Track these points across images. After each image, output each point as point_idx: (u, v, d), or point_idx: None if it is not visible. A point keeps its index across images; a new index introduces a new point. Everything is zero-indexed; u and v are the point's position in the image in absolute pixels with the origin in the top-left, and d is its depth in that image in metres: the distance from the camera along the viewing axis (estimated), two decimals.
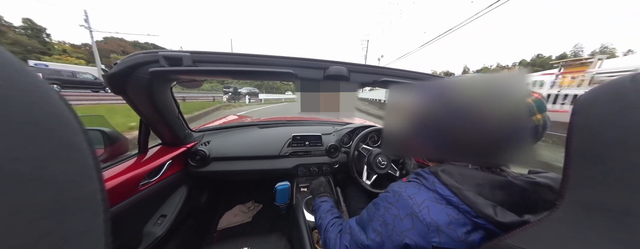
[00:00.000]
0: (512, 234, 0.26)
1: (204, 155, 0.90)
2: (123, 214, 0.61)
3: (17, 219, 0.11)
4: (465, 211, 0.30)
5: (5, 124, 0.12)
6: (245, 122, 1.38)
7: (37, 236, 0.12)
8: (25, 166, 0.12)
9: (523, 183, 0.33)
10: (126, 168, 0.64)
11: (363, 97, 20.42)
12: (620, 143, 0.21)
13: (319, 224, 0.61)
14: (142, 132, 0.74)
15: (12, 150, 0.12)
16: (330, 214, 0.61)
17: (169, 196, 0.82)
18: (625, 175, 0.20)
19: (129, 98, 0.59)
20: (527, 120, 0.30)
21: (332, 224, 0.55)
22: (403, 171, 0.98)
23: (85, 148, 0.17)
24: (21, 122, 0.12)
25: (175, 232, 0.81)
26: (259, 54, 0.52)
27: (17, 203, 0.11)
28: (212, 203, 1.24)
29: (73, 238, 0.14)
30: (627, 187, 0.20)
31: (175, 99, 0.74)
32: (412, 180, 0.38)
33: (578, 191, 0.23)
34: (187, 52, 0.49)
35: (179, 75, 0.56)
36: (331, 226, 0.55)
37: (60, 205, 0.14)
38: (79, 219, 0.15)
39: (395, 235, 0.32)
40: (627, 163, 0.20)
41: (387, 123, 0.46)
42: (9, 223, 0.11)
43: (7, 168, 0.11)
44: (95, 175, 0.17)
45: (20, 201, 0.11)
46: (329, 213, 0.62)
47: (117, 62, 0.50)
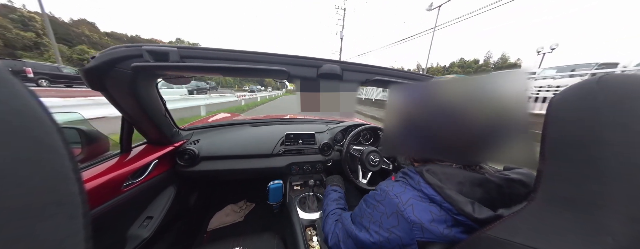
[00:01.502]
0: (491, 227, 0.28)
1: (193, 154, 0.87)
2: (105, 218, 0.57)
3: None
4: (447, 208, 0.32)
5: None
6: (237, 120, 1.35)
7: (3, 242, 0.11)
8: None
9: (498, 180, 0.36)
10: (107, 169, 0.61)
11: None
12: (587, 141, 0.23)
13: (323, 209, 0.68)
14: (125, 131, 0.70)
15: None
16: (336, 204, 0.66)
17: (155, 197, 0.79)
18: (591, 170, 0.22)
19: (110, 95, 0.56)
20: (506, 123, 0.31)
21: (333, 213, 0.61)
22: (395, 163, 1.01)
23: (60, 148, 0.15)
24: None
25: (162, 234, 0.78)
26: (251, 51, 0.51)
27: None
28: (202, 203, 1.21)
29: (48, 244, 0.13)
30: (592, 181, 0.22)
31: (161, 96, 0.71)
32: (399, 179, 0.40)
33: (550, 185, 0.26)
34: (174, 47, 0.46)
35: (166, 71, 0.54)
36: (332, 214, 0.60)
37: (32, 209, 0.13)
38: (54, 225, 0.14)
39: (382, 231, 0.35)
40: (593, 158, 0.22)
41: (386, 122, 0.48)
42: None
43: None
44: (73, 177, 0.16)
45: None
46: (334, 203, 0.67)
47: (94, 56, 0.47)
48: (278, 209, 0.99)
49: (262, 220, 1.25)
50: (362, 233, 0.38)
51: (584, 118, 0.23)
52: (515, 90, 0.30)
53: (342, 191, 0.76)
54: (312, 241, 0.71)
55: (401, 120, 0.42)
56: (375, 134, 1.19)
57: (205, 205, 1.26)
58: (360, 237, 0.38)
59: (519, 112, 0.30)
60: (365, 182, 0.92)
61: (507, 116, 0.31)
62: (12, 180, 0.12)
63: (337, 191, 0.74)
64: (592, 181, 0.22)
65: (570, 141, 0.24)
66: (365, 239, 0.37)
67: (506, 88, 0.31)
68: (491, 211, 0.31)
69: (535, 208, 0.26)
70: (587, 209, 0.22)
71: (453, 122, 0.33)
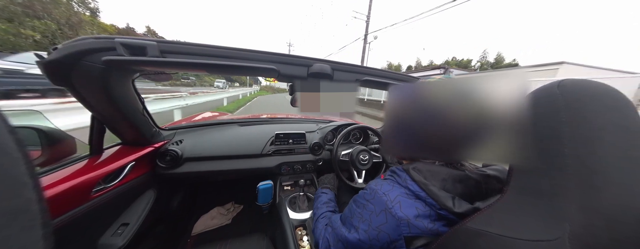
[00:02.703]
0: (469, 219, 0.30)
1: (176, 155, 0.81)
2: (71, 226, 0.51)
3: None
4: (431, 204, 0.34)
5: None
6: (224, 119, 1.29)
7: None
8: None
9: (477, 176, 0.38)
10: (74, 173, 0.54)
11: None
12: (548, 137, 0.26)
13: (314, 213, 0.68)
14: (95, 131, 0.63)
15: None
16: (326, 207, 0.66)
17: (132, 202, 0.73)
18: (551, 163, 0.25)
19: (76, 91, 0.50)
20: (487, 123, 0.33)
21: (323, 217, 0.60)
22: (382, 158, 1.03)
23: (13, 150, 0.13)
24: None
25: (139, 241, 0.73)
26: (238, 48, 0.49)
27: None
28: (186, 206, 1.15)
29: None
30: (552, 172, 0.25)
31: (139, 93, 0.65)
32: (388, 177, 0.42)
33: (519, 179, 0.28)
34: (153, 41, 0.43)
35: (143, 66, 0.49)
36: (322, 218, 0.60)
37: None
38: (7, 236, 0.12)
39: (371, 230, 0.36)
40: (553, 152, 0.25)
41: (384, 123, 0.50)
42: None
43: None
44: (29, 182, 0.14)
45: None
46: (324, 206, 0.67)
47: (57, 47, 0.41)
48: (268, 210, 0.97)
49: (251, 222, 1.22)
50: (351, 234, 0.39)
51: (547, 117, 0.26)
52: (507, 90, 0.31)
53: (332, 193, 0.76)
54: (303, 241, 0.70)
55: (392, 120, 0.44)
56: (364, 133, 1.21)
57: (189, 208, 1.20)
58: (350, 239, 0.38)
59: (507, 113, 0.31)
60: (361, 181, 0.93)
61: (490, 117, 0.32)
62: None
63: (327, 194, 0.74)
64: (551, 174, 0.24)
65: (535, 138, 0.27)
66: (354, 241, 0.38)
67: (499, 88, 0.32)
68: (469, 204, 0.33)
69: (507, 199, 0.29)
70: (548, 199, 0.24)
71: (437, 122, 0.35)
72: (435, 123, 0.35)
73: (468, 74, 7.33)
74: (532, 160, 0.27)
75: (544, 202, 0.24)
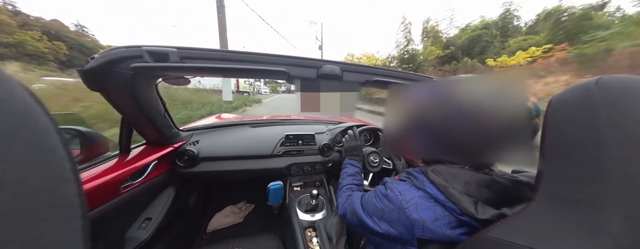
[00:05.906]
0: (492, 227, 0.27)
1: (193, 155, 0.86)
2: (103, 219, 0.57)
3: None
4: (451, 208, 0.31)
5: None
6: (236, 121, 1.35)
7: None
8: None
9: (506, 181, 0.35)
10: (106, 170, 0.60)
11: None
12: (586, 140, 0.23)
13: (339, 181, 0.68)
14: (124, 131, 0.70)
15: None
16: (351, 179, 0.66)
17: (154, 198, 0.78)
18: (590, 169, 0.22)
19: (109, 96, 0.55)
20: (528, 123, 0.31)
21: (347, 188, 0.62)
22: (392, 165, 1.01)
23: (59, 149, 0.15)
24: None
25: (161, 236, 0.78)
26: (250, 52, 0.51)
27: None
28: (202, 204, 1.20)
29: (46, 245, 0.13)
30: (591, 181, 0.22)
31: (162, 97, 0.71)
32: (404, 178, 0.40)
33: (550, 186, 0.25)
34: (174, 48, 0.46)
35: (165, 72, 0.54)
36: (346, 188, 0.62)
37: (30, 210, 0.12)
38: (52, 226, 0.14)
39: (383, 223, 0.37)
40: (592, 158, 0.22)
41: (387, 123, 0.48)
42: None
43: None
44: (72, 178, 0.16)
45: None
46: (350, 177, 0.67)
47: (94, 57, 0.47)
48: (278, 210, 0.99)
49: (262, 221, 1.25)
50: (367, 218, 0.41)
51: (584, 118, 0.23)
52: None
53: (359, 166, 0.72)
54: (312, 243, 0.70)
55: (410, 120, 0.40)
56: (375, 135, 1.19)
57: (204, 206, 1.26)
58: (365, 221, 0.40)
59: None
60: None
61: (530, 116, 0.30)
62: (12, 181, 0.12)
63: (355, 166, 0.71)
64: (591, 181, 0.22)
65: (569, 141, 0.24)
66: (369, 224, 0.39)
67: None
68: (495, 210, 0.30)
69: (536, 208, 0.26)
70: (586, 210, 0.22)
71: (470, 122, 0.32)
72: (469, 122, 0.32)
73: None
74: (564, 165, 0.24)
75: (579, 213, 0.22)
